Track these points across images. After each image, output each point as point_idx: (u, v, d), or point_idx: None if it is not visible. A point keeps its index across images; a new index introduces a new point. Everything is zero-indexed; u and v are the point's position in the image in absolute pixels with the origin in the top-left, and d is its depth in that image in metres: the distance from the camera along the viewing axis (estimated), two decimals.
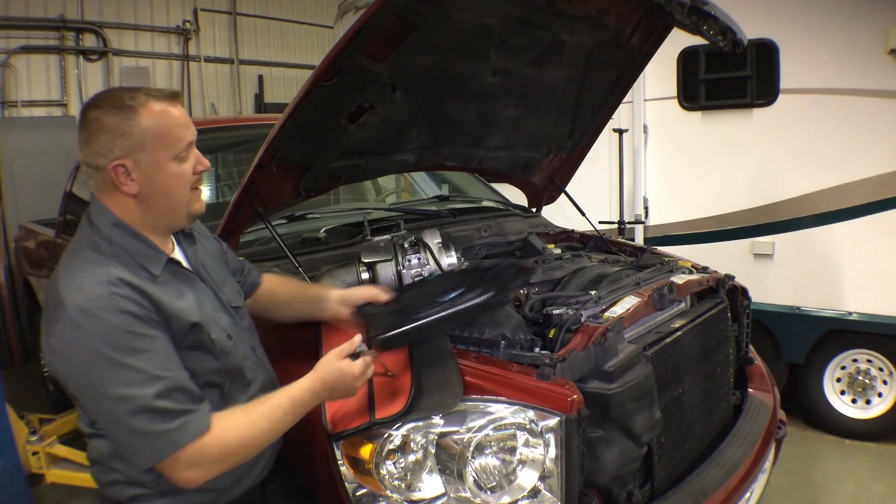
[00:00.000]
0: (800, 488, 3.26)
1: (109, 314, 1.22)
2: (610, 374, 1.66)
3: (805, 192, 3.67)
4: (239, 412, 1.34)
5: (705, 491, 1.90)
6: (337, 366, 1.40)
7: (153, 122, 1.31)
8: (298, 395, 1.38)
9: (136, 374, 1.21)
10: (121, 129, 1.28)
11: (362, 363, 1.43)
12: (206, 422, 1.27)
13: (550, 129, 2.81)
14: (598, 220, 3.26)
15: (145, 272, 1.33)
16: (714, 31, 2.27)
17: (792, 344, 3.79)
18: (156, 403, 1.22)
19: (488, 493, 1.52)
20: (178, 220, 1.42)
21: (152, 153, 1.31)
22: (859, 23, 3.43)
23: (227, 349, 1.42)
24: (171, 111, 1.34)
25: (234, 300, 1.58)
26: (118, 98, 1.31)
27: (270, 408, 1.35)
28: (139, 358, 1.22)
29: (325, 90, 1.84)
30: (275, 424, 1.35)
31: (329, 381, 1.40)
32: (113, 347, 1.21)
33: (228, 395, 1.45)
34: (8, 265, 5.69)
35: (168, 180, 1.34)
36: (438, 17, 1.88)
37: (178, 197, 1.37)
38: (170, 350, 1.29)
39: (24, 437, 3.27)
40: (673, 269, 2.38)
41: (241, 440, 1.31)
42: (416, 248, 1.84)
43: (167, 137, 1.32)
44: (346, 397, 1.46)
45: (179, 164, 1.35)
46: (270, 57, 8.48)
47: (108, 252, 1.32)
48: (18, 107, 6.51)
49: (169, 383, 1.24)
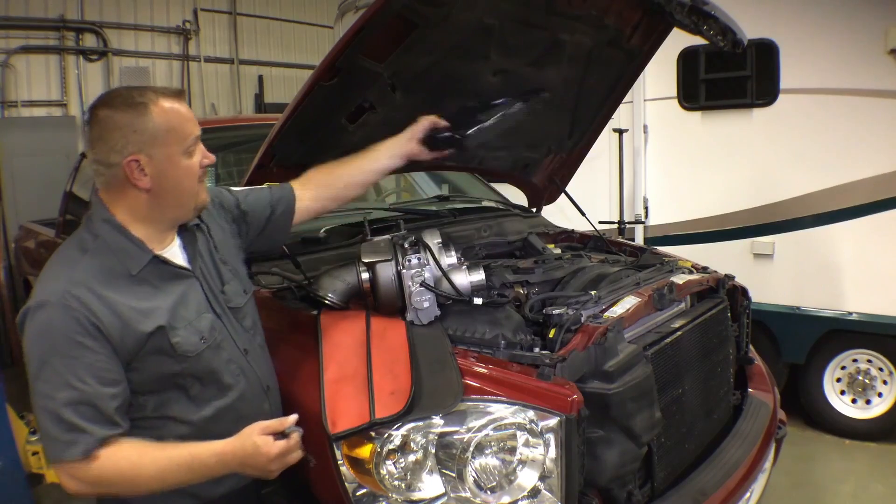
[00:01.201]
0: (800, 488, 3.26)
1: (56, 312, 1.28)
2: (610, 374, 1.66)
3: (805, 192, 3.67)
4: (135, 448, 1.32)
5: (705, 491, 1.90)
6: (253, 441, 1.30)
7: (164, 118, 1.36)
8: (203, 456, 1.32)
9: (56, 375, 1.27)
10: (134, 126, 1.33)
11: (283, 444, 1.31)
12: (89, 448, 1.27)
13: (550, 129, 2.81)
14: (598, 220, 3.26)
15: (123, 268, 1.37)
16: (714, 31, 2.27)
17: (792, 344, 3.79)
18: (61, 410, 1.26)
19: (488, 493, 1.52)
20: (185, 212, 1.47)
21: (165, 148, 1.37)
22: (859, 23, 3.44)
23: (190, 353, 1.41)
24: (180, 108, 1.40)
25: (233, 300, 1.57)
26: (128, 96, 1.36)
27: (167, 457, 1.32)
28: (63, 362, 1.27)
29: (325, 90, 1.84)
30: (165, 475, 1.31)
31: (240, 455, 1.31)
32: (47, 344, 1.28)
33: (198, 399, 1.45)
34: (8, 265, 5.69)
35: (179, 174, 1.40)
36: (438, 16, 1.88)
37: (188, 190, 1.43)
38: (100, 365, 1.29)
39: (24, 437, 3.27)
40: (673, 269, 2.38)
41: (121, 475, 1.30)
42: (416, 248, 1.84)
43: (178, 132, 1.38)
44: (261, 476, 1.36)
45: (189, 158, 1.41)
46: (270, 57, 8.48)
47: (91, 247, 1.37)
48: (18, 107, 6.51)
49: (80, 396, 1.27)
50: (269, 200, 1.76)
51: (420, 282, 1.77)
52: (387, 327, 1.75)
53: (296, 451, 1.35)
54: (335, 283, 1.89)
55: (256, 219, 1.74)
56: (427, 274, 1.79)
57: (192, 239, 1.53)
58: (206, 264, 1.55)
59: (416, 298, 1.76)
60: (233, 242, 1.68)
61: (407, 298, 1.78)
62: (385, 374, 1.58)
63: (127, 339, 1.33)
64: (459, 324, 1.80)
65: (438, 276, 1.82)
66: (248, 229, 1.74)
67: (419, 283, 1.77)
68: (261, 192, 1.78)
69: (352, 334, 1.72)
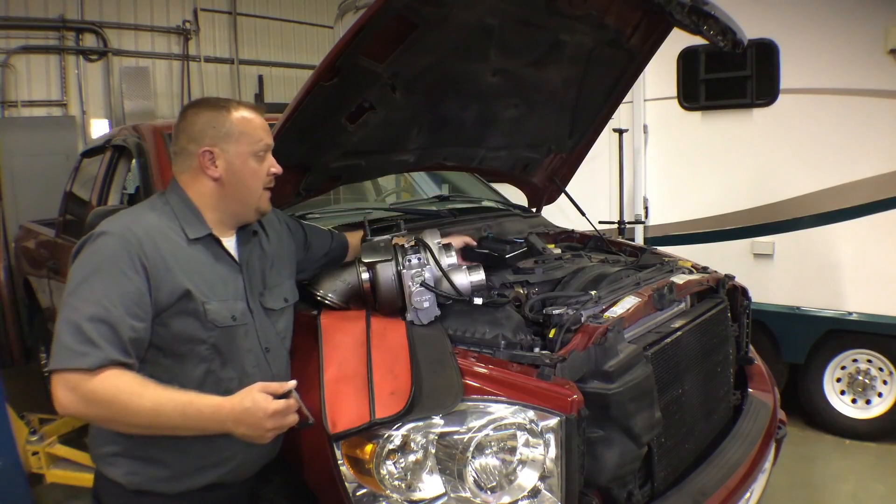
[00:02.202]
0: (800, 488, 3.26)
1: (112, 240, 1.41)
2: (610, 374, 1.66)
3: (805, 192, 3.67)
4: (138, 380, 1.34)
5: (705, 491, 1.90)
6: (253, 396, 1.33)
7: (241, 121, 1.55)
8: (199, 404, 1.34)
9: (91, 292, 1.36)
10: (214, 122, 1.53)
11: (282, 403, 1.34)
12: (97, 363, 1.31)
13: (550, 129, 2.81)
14: (598, 220, 3.26)
15: (183, 235, 1.51)
16: (714, 31, 2.27)
17: (792, 344, 3.79)
18: (82, 323, 1.32)
19: (488, 493, 1.52)
20: (247, 211, 1.61)
21: (237, 146, 1.54)
22: (859, 23, 3.43)
23: (219, 323, 1.48)
24: (256, 117, 1.58)
25: (269, 302, 1.65)
26: (214, 100, 1.58)
27: (166, 394, 1.34)
28: (102, 283, 1.37)
29: (325, 90, 1.84)
30: (160, 411, 1.32)
31: (238, 410, 1.33)
32: (94, 264, 1.39)
33: (214, 375, 1.49)
34: (8, 265, 5.69)
35: (245, 172, 1.55)
36: (438, 17, 1.88)
37: (251, 190, 1.58)
38: (133, 297, 1.37)
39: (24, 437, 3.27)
40: (673, 269, 2.38)
41: (117, 398, 1.31)
42: (416, 248, 1.84)
43: (251, 136, 1.55)
44: (255, 438, 1.36)
45: (257, 162, 1.57)
46: (270, 57, 8.48)
47: (160, 209, 1.54)
48: (18, 107, 6.50)
49: (105, 314, 1.34)
50: (328, 242, 2.00)
51: (420, 282, 1.77)
52: (387, 327, 1.76)
53: (292, 413, 1.37)
54: (335, 283, 1.90)
55: (316, 253, 1.96)
56: (427, 274, 1.79)
57: (247, 239, 1.66)
58: (254, 264, 1.65)
59: (416, 298, 1.76)
60: (288, 256, 1.81)
61: (407, 298, 1.78)
62: (385, 374, 1.58)
63: (164, 286, 1.42)
64: (459, 324, 1.81)
65: (438, 276, 1.82)
66: (308, 257, 1.93)
67: (419, 283, 1.77)
68: (323, 234, 2.02)
69: (352, 334, 1.72)
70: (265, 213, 1.65)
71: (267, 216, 1.72)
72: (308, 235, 1.94)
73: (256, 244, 1.69)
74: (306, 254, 1.92)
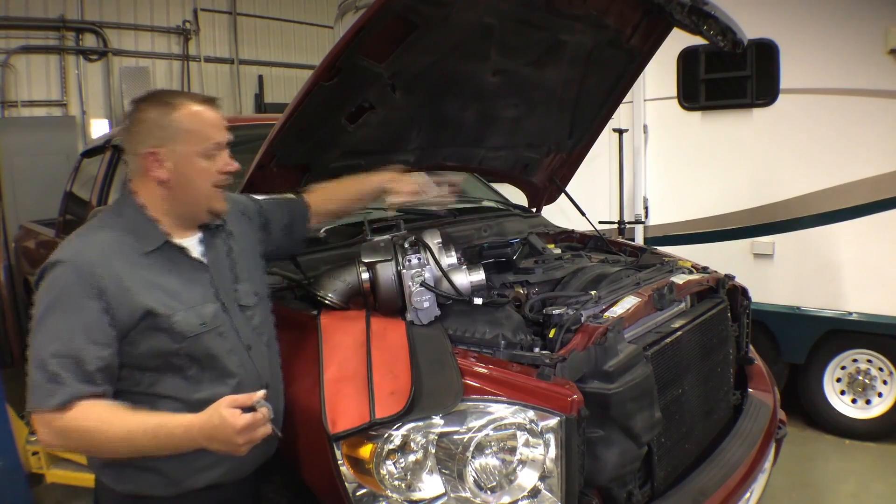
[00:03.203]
0: (800, 488, 3.26)
1: (65, 270, 1.37)
2: (610, 374, 1.66)
3: (805, 192, 3.67)
4: (108, 409, 1.35)
5: (705, 491, 1.91)
6: (220, 413, 1.30)
7: (188, 119, 1.46)
8: (169, 425, 1.33)
9: (51, 328, 1.35)
10: (159, 122, 1.45)
11: (249, 417, 1.30)
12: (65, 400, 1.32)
13: (550, 129, 2.81)
14: (598, 220, 3.26)
15: (138, 245, 1.46)
16: (714, 31, 2.27)
17: (792, 344, 3.79)
18: (47, 361, 1.32)
19: (488, 493, 1.52)
20: (199, 212, 1.54)
21: (183, 146, 1.46)
22: (859, 23, 3.43)
23: (188, 333, 1.44)
24: (206, 112, 1.50)
25: (243, 298, 1.62)
26: (161, 95, 1.50)
27: (136, 421, 1.33)
28: (61, 317, 1.35)
29: (325, 90, 1.84)
30: (132, 438, 1.32)
31: (207, 428, 1.31)
32: (51, 298, 1.37)
33: (194, 380, 1.47)
34: (8, 265, 5.69)
35: (193, 173, 1.48)
36: (439, 17, 1.88)
37: (201, 190, 1.51)
38: (92, 325, 1.35)
39: (24, 437, 3.27)
40: (673, 269, 2.38)
41: (89, 431, 1.32)
42: (416, 248, 1.84)
43: (198, 134, 1.47)
44: (229, 452, 1.33)
45: (207, 161, 1.49)
46: (270, 57, 8.48)
47: (112, 223, 1.48)
48: (18, 107, 6.50)
49: (67, 349, 1.33)
50: (288, 210, 1.87)
51: (420, 282, 1.77)
52: (387, 327, 1.75)
53: (263, 426, 1.33)
54: (335, 283, 1.90)
55: (277, 228, 1.84)
56: (427, 274, 1.79)
57: (212, 237, 1.61)
58: (222, 262, 1.61)
59: (416, 298, 1.76)
60: (252, 247, 1.74)
61: (407, 298, 1.78)
62: (385, 374, 1.58)
63: (123, 308, 1.38)
64: (459, 324, 1.81)
65: (438, 276, 1.82)
66: (269, 237, 1.82)
67: (419, 283, 1.77)
68: (280, 202, 1.88)
69: (352, 334, 1.72)
70: (220, 213, 1.57)
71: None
72: (264, 213, 1.82)
73: (222, 239, 1.64)
74: (268, 235, 1.82)
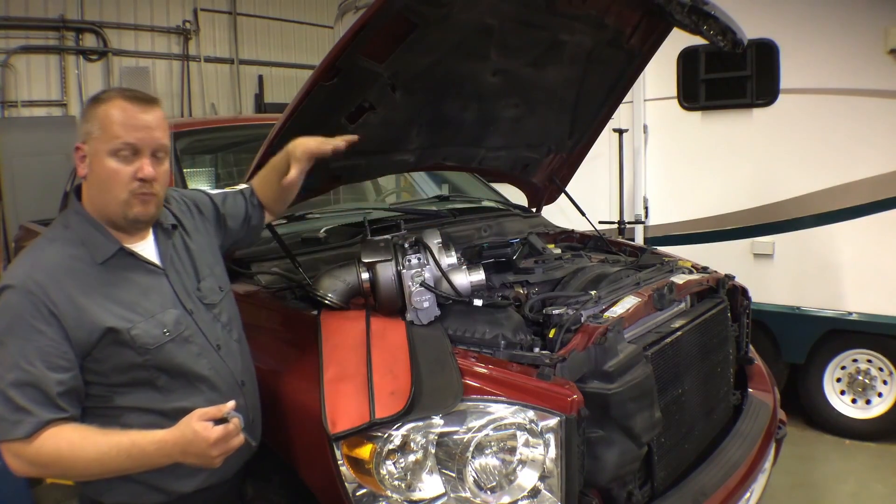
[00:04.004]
0: (800, 488, 3.26)
1: (16, 295, 1.33)
2: (610, 374, 1.66)
3: (805, 192, 3.67)
4: (78, 432, 1.32)
5: (705, 491, 1.90)
6: (192, 427, 1.30)
7: (105, 115, 1.40)
8: (142, 444, 1.32)
9: (8, 356, 1.31)
10: (87, 117, 1.43)
11: (222, 430, 1.30)
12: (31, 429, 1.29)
13: (550, 129, 2.81)
14: (598, 220, 3.26)
15: (90, 257, 1.42)
16: (714, 31, 2.27)
17: (792, 344, 3.79)
18: (8, 390, 1.29)
19: (488, 493, 1.52)
20: (116, 216, 1.45)
21: (96, 143, 1.41)
22: (859, 23, 3.44)
23: (150, 345, 1.41)
24: (127, 110, 1.41)
25: (208, 296, 1.59)
26: (103, 92, 1.47)
27: (107, 442, 1.32)
28: (16, 344, 1.31)
29: (325, 90, 1.84)
30: (105, 459, 1.31)
31: (181, 443, 1.31)
32: (4, 325, 1.32)
33: (166, 389, 1.45)
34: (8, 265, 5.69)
35: (103, 173, 1.42)
36: (439, 16, 1.88)
37: (112, 193, 1.42)
38: (51, 350, 1.32)
39: None
40: (673, 269, 2.38)
41: (60, 457, 1.31)
42: (416, 248, 1.84)
43: (107, 131, 1.40)
44: (204, 465, 1.35)
45: (117, 162, 1.41)
46: (270, 57, 8.49)
47: (61, 237, 1.44)
48: (18, 107, 6.51)
49: (27, 377, 1.30)
50: (243, 205, 1.81)
51: (420, 282, 1.77)
52: (387, 327, 1.75)
53: (236, 435, 1.33)
54: (335, 283, 1.89)
55: (234, 223, 1.80)
56: (427, 274, 1.79)
57: (166, 237, 1.57)
58: (181, 262, 1.57)
59: (416, 298, 1.76)
60: (210, 242, 1.72)
61: (407, 298, 1.78)
62: (385, 374, 1.58)
63: (81, 329, 1.35)
64: (459, 324, 1.81)
65: (438, 276, 1.82)
66: (226, 233, 1.79)
67: (419, 283, 1.77)
68: (235, 196, 1.82)
69: (352, 334, 1.72)
70: (140, 220, 1.46)
71: (175, 203, 1.64)
72: (220, 207, 1.77)
73: (178, 237, 1.59)
74: (224, 229, 1.77)
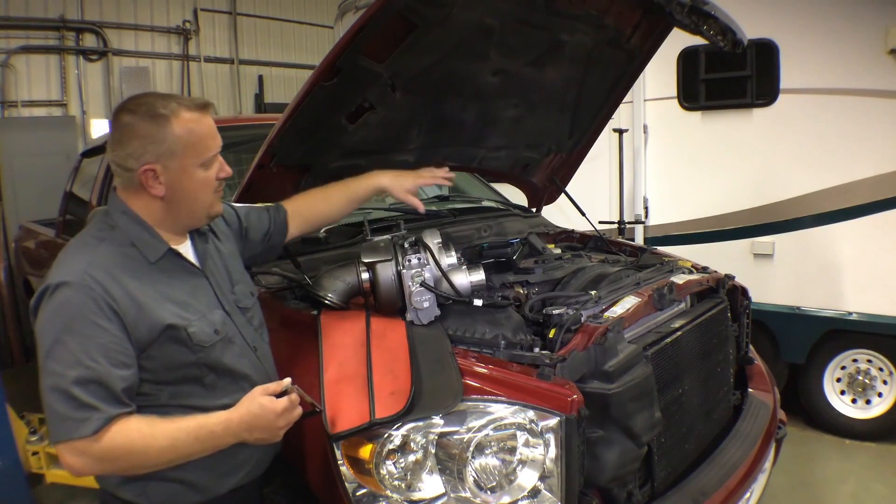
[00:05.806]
0: (800, 488, 3.26)
1: (74, 292, 1.30)
2: (610, 374, 1.66)
3: (805, 192, 3.67)
4: (145, 422, 1.32)
5: (705, 491, 1.90)
6: (258, 402, 1.34)
7: (184, 131, 1.39)
8: (209, 424, 1.34)
9: (68, 353, 1.28)
10: (153, 137, 1.37)
11: (287, 401, 1.36)
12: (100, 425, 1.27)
13: (550, 129, 2.81)
14: (598, 220, 3.26)
15: (142, 256, 1.42)
16: (714, 31, 2.27)
17: (792, 344, 3.79)
18: (71, 388, 1.26)
19: (488, 493, 1.52)
20: (197, 220, 1.52)
21: (181, 160, 1.41)
22: (859, 23, 3.43)
23: (205, 343, 1.44)
24: (202, 122, 1.44)
25: (242, 300, 1.62)
26: (152, 106, 1.39)
27: (177, 427, 1.33)
28: (77, 341, 1.28)
29: (325, 90, 1.84)
30: (176, 444, 1.32)
31: (247, 419, 1.34)
32: (63, 322, 1.29)
33: (213, 387, 1.46)
34: (8, 265, 5.69)
35: (194, 185, 1.45)
36: (439, 17, 1.88)
37: (201, 201, 1.48)
38: (113, 346, 1.31)
39: (24, 437, 3.28)
40: (673, 269, 2.38)
41: (132, 447, 1.30)
42: (416, 248, 1.84)
43: (196, 147, 1.42)
44: (269, 439, 1.39)
45: (205, 171, 1.45)
46: (270, 57, 8.47)
47: (109, 236, 1.42)
48: (18, 107, 6.50)
49: (91, 374, 1.27)
50: (267, 220, 1.85)
51: (420, 282, 1.77)
52: (387, 327, 1.75)
53: (297, 407, 1.39)
54: (335, 283, 1.89)
55: (255, 236, 1.83)
56: (427, 274, 1.79)
57: (202, 241, 1.59)
58: (216, 265, 1.60)
59: (416, 298, 1.76)
60: (234, 252, 1.74)
61: (407, 298, 1.78)
62: (385, 374, 1.58)
63: (141, 326, 1.35)
64: (459, 324, 1.81)
65: (438, 276, 1.82)
66: (246, 244, 1.81)
67: (419, 283, 1.77)
68: (260, 212, 1.86)
69: (352, 334, 1.72)
70: (218, 215, 1.57)
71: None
72: (243, 220, 1.80)
73: (212, 242, 1.62)
74: (246, 241, 1.81)
